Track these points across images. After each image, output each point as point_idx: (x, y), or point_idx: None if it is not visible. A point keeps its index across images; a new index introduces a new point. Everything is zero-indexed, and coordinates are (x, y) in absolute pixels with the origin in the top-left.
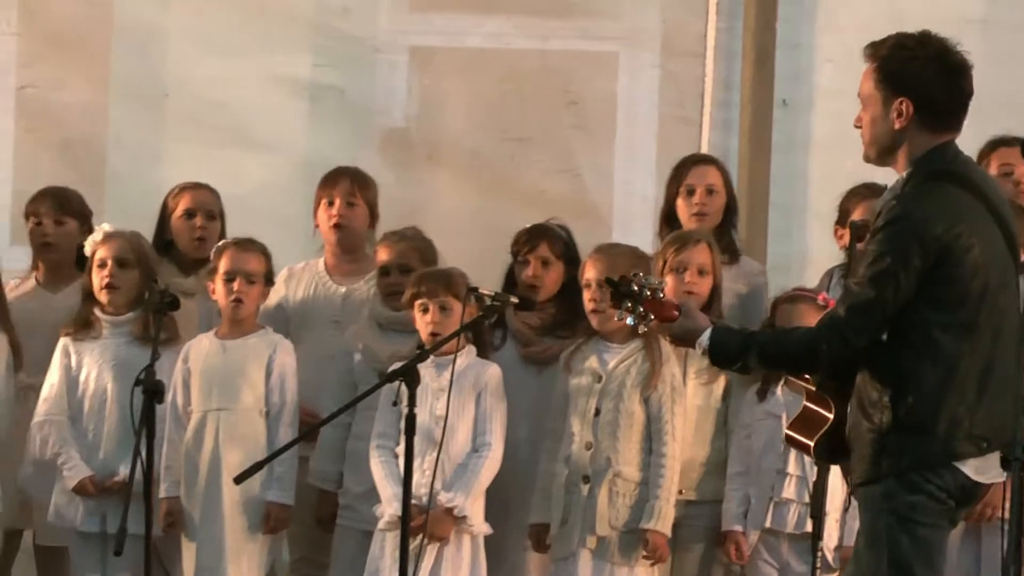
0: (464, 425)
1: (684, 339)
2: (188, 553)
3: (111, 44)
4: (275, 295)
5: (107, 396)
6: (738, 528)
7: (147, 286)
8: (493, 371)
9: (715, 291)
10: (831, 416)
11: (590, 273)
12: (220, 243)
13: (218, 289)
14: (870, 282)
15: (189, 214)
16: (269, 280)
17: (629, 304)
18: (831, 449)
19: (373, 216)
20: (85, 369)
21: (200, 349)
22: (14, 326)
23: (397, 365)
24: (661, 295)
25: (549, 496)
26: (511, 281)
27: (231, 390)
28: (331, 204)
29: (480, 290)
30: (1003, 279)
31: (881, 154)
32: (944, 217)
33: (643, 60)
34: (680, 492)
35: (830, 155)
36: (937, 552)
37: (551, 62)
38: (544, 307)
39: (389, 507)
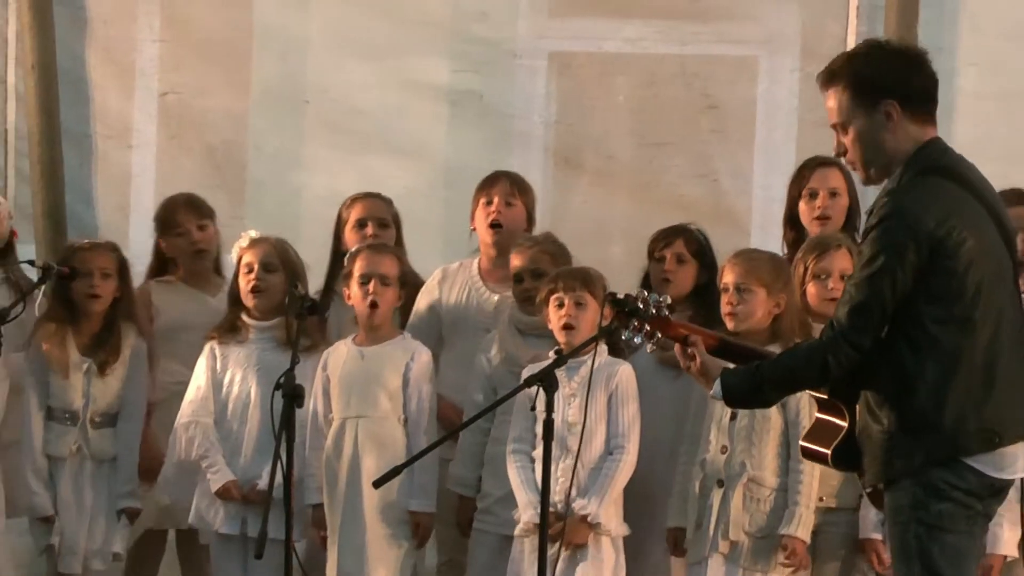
0: (597, 428)
1: (699, 381)
2: (330, 558)
3: (252, 51)
4: (428, 296)
5: (250, 400)
6: (877, 536)
7: (290, 291)
8: (625, 370)
9: None
10: (845, 424)
11: (728, 277)
12: (354, 248)
13: (354, 293)
14: (866, 282)
15: (361, 224)
16: (403, 284)
17: (635, 322)
18: (848, 457)
19: (530, 220)
20: (230, 373)
21: (338, 356)
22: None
23: (535, 370)
24: (666, 312)
25: (686, 500)
26: (647, 284)
27: (369, 397)
28: (489, 203)
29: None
30: (999, 272)
31: (882, 168)
32: (936, 211)
33: (783, 64)
34: (820, 499)
35: (971, 159)
36: (968, 558)
37: (690, 67)
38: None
39: (525, 513)
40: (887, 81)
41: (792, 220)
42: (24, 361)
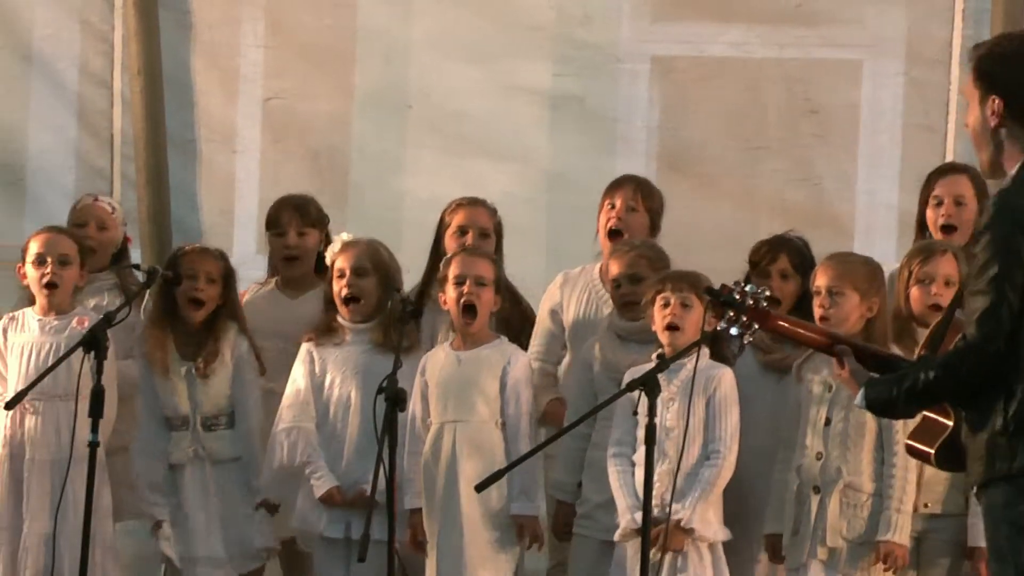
0: (696, 432)
1: (847, 387)
2: (430, 562)
3: (355, 55)
4: (549, 301)
5: (350, 404)
6: (984, 544)
7: (388, 294)
8: (726, 375)
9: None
10: (950, 423)
11: (821, 280)
12: (449, 253)
13: (449, 296)
14: (987, 287)
15: (462, 231)
16: (498, 287)
17: (731, 314)
18: (952, 456)
19: (654, 226)
20: (328, 376)
21: (436, 361)
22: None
23: (638, 373)
24: (765, 304)
25: (783, 506)
26: None
27: (466, 402)
28: (612, 207)
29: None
30: None
31: (987, 160)
32: None
33: (887, 68)
34: (925, 505)
35: None
36: None
37: (793, 71)
38: None
39: (623, 518)
40: (1001, 80)
41: (922, 226)
42: (136, 366)
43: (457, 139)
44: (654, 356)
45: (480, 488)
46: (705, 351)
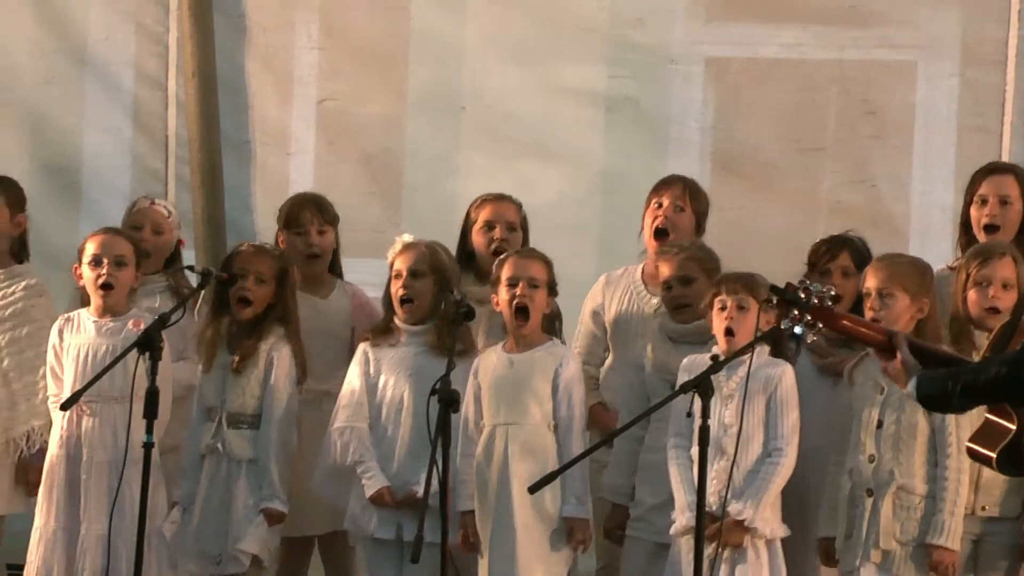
0: (754, 429)
1: (897, 380)
2: (481, 565)
3: (409, 57)
4: (592, 302)
5: (403, 405)
6: None
7: (443, 296)
8: (785, 371)
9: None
10: (1013, 427)
11: (871, 282)
12: (503, 254)
13: (501, 298)
14: None
15: (489, 226)
16: (552, 289)
17: (796, 312)
18: (1013, 460)
19: (700, 226)
20: (383, 377)
21: (488, 363)
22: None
23: (694, 367)
24: (830, 303)
25: (836, 509)
26: None
27: (518, 404)
28: (659, 207)
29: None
30: None
31: None
32: None
33: (942, 69)
34: (983, 508)
35: None
36: None
37: (848, 72)
38: None
39: (683, 515)
40: None
41: (966, 225)
42: (188, 367)
43: (510, 141)
44: (708, 357)
45: (534, 490)
46: (765, 348)
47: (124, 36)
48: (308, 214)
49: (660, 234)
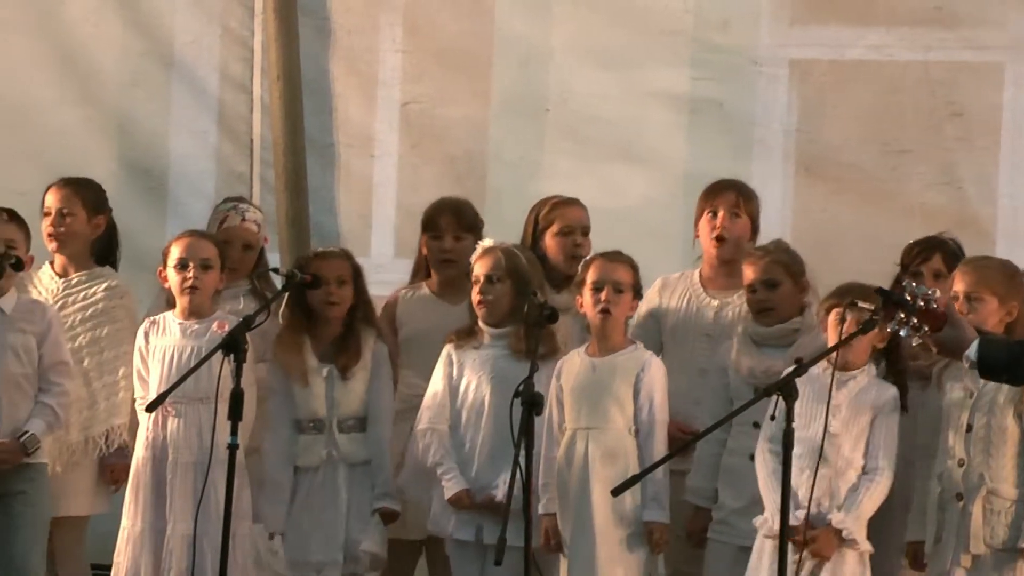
0: (856, 443)
1: (951, 349)
2: (562, 567)
3: (493, 60)
4: (648, 304)
5: (484, 408)
6: None
7: (526, 299)
8: (891, 394)
9: None
10: None
11: (958, 286)
12: (588, 256)
13: (585, 301)
14: None
15: (566, 231)
16: (637, 293)
17: (902, 315)
18: None
19: (755, 229)
20: (465, 379)
21: (571, 367)
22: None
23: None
24: (934, 305)
25: (925, 513)
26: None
27: (600, 408)
28: (714, 215)
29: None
30: None
31: None
32: None
33: None
34: None
35: None
36: None
37: (934, 73)
38: None
39: (772, 518)
40: None
41: None
42: (268, 371)
43: (594, 144)
44: (792, 360)
45: (616, 493)
46: (872, 368)
47: (210, 39)
48: (446, 219)
49: (719, 240)
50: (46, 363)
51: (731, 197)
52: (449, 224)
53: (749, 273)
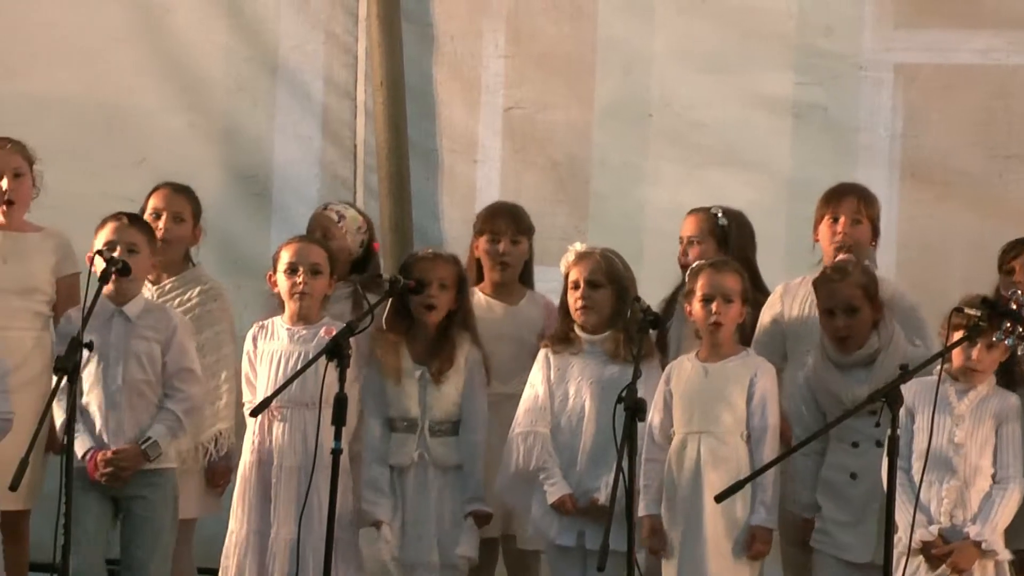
0: (982, 452)
1: None
2: (669, 571)
3: (596, 65)
4: (770, 311)
5: (585, 413)
6: None
7: (622, 305)
8: (1013, 401)
9: None
10: None
11: None
12: (695, 264)
13: (695, 311)
14: None
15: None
16: (746, 300)
17: (1008, 324)
18: None
19: (875, 233)
20: (564, 384)
21: (682, 371)
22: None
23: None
24: None
25: None
26: (998, 299)
27: (711, 413)
28: (835, 221)
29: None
30: None
31: None
32: None
33: None
34: None
35: None
36: None
37: None
38: None
39: (906, 534)
40: None
41: None
42: (364, 371)
43: (698, 149)
44: (897, 367)
45: (721, 498)
46: (992, 378)
47: (314, 45)
48: (503, 223)
49: (842, 248)
50: (170, 369)
51: (853, 203)
52: (507, 227)
53: (827, 297)
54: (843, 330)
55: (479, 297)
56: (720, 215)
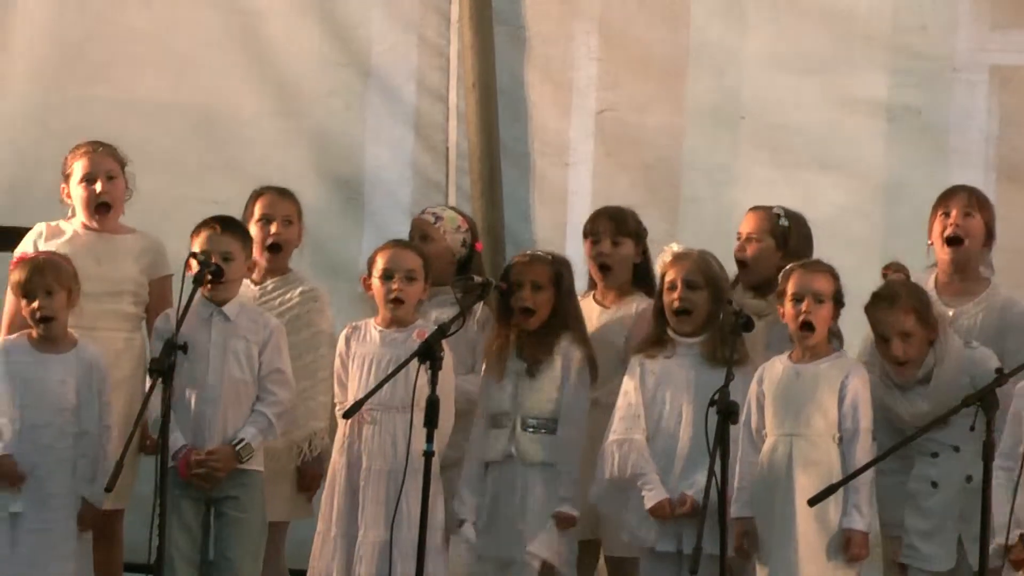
0: None
1: None
2: (759, 574)
3: (688, 67)
4: None
5: (680, 416)
6: None
7: (718, 307)
8: None
9: None
10: None
11: None
12: (788, 265)
13: (787, 312)
14: None
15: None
16: (839, 301)
17: None
18: None
19: (989, 234)
20: (658, 389)
21: (774, 372)
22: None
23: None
24: None
25: None
26: None
27: (803, 415)
28: (946, 215)
29: None
30: None
31: None
32: None
33: None
34: None
35: None
36: None
37: None
38: None
39: (1000, 535)
40: None
41: None
42: (474, 380)
43: (790, 151)
44: (993, 370)
45: (813, 502)
46: None
47: (406, 48)
48: (603, 224)
49: (953, 242)
50: (264, 371)
51: (964, 197)
52: (606, 228)
53: (879, 324)
54: (900, 356)
55: (587, 302)
56: (782, 215)
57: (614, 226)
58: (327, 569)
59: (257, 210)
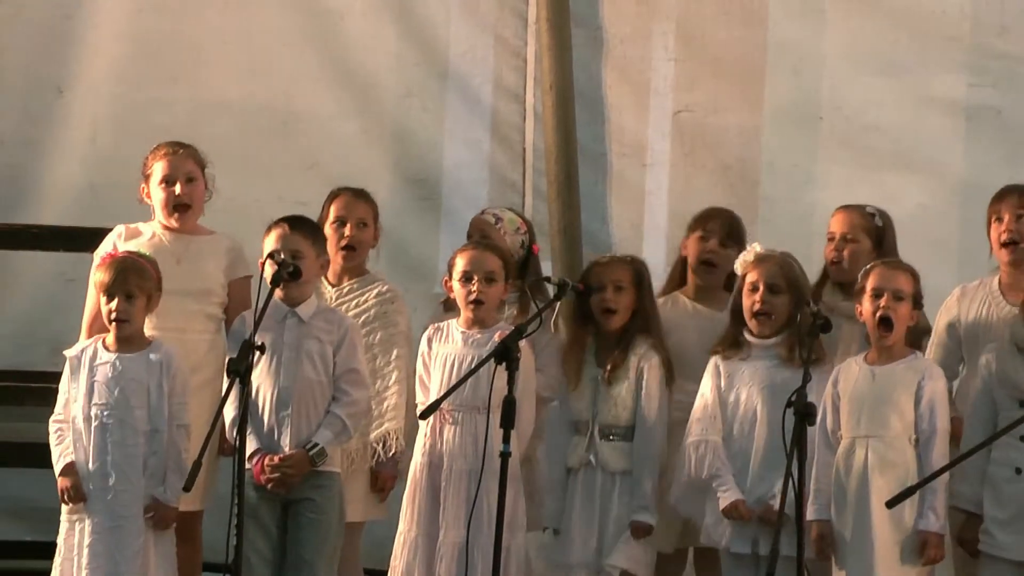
0: None
1: None
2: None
3: (766, 67)
4: (947, 315)
5: (756, 418)
6: None
7: (799, 309)
8: None
9: None
10: None
11: None
12: (870, 263)
13: (865, 309)
14: None
15: (829, 237)
16: (917, 303)
17: None
18: None
19: None
20: (735, 390)
21: (850, 374)
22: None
23: None
24: None
25: None
26: None
27: (879, 417)
28: (1000, 220)
29: None
30: None
31: None
32: None
33: None
34: None
35: None
36: None
37: None
38: None
39: None
40: None
41: None
42: (550, 376)
43: (869, 151)
44: None
45: (891, 504)
46: None
47: (483, 49)
48: (717, 223)
49: (1008, 244)
50: (339, 371)
51: (1014, 199)
52: (719, 228)
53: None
54: None
55: (683, 302)
56: (876, 215)
57: (728, 228)
58: (408, 569)
59: (332, 212)
